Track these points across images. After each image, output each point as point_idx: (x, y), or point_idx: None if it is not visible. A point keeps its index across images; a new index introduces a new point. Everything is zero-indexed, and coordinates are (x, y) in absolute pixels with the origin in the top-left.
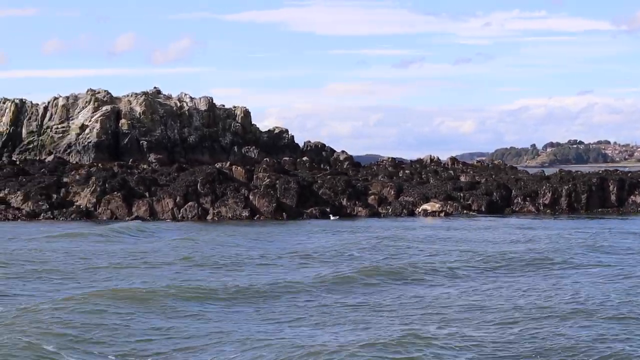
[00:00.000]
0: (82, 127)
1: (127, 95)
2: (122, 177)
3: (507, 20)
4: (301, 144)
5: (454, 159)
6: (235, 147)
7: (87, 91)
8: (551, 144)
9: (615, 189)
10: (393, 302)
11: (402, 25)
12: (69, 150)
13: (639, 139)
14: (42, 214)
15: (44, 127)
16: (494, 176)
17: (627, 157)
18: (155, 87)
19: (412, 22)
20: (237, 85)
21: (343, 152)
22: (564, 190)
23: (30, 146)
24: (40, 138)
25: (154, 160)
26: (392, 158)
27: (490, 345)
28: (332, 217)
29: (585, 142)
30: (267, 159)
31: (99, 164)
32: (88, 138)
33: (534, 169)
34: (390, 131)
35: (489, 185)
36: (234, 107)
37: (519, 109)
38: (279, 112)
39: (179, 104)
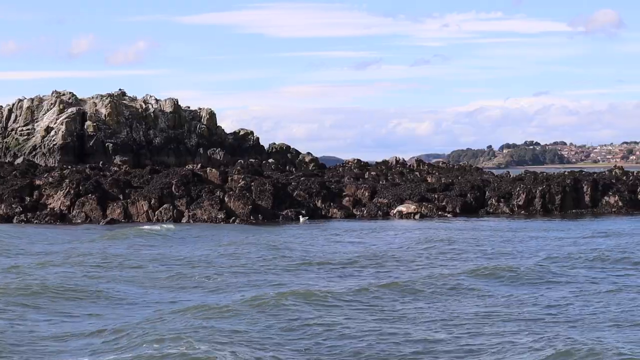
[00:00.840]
0: (47, 130)
1: (92, 97)
2: (96, 179)
3: (464, 22)
4: (266, 146)
5: (419, 161)
6: (201, 149)
7: (52, 93)
8: (507, 145)
9: (589, 190)
10: None
11: (359, 27)
12: (34, 153)
13: (594, 140)
14: (16, 217)
15: (9, 129)
16: (460, 177)
17: (583, 158)
18: (120, 89)
19: (369, 24)
20: (193, 88)
21: (308, 153)
22: (538, 192)
23: None
24: (5, 140)
25: (119, 163)
26: (358, 159)
27: None
28: (301, 220)
29: (542, 144)
30: (241, 161)
31: (70, 167)
32: (53, 140)
33: (493, 170)
34: (346, 133)
35: (462, 187)
36: (200, 108)
37: (475, 111)
38: (235, 114)
39: (144, 106)
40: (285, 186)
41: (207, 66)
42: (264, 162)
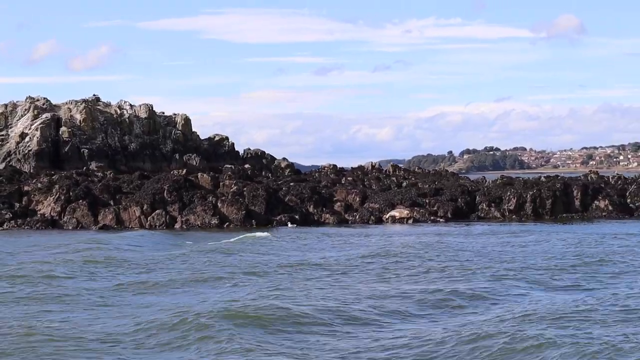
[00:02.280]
0: (22, 135)
1: (67, 103)
2: (86, 185)
3: (425, 28)
4: (241, 152)
5: (395, 166)
6: (177, 155)
7: (26, 99)
8: (468, 151)
9: (579, 194)
10: None
11: (320, 33)
12: (8, 159)
13: (554, 145)
14: (6, 223)
15: None
16: (436, 182)
17: (543, 163)
18: (94, 95)
19: (330, 30)
20: (155, 93)
21: (284, 159)
22: (528, 196)
23: None
24: None
25: (95, 169)
26: (334, 165)
27: None
28: (289, 225)
29: (502, 149)
30: (232, 166)
31: (61, 173)
32: (28, 146)
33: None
34: (307, 139)
35: (453, 192)
36: (174, 114)
37: (435, 116)
38: (197, 120)
39: (119, 112)
40: (277, 191)
41: (169, 72)
42: (239, 167)
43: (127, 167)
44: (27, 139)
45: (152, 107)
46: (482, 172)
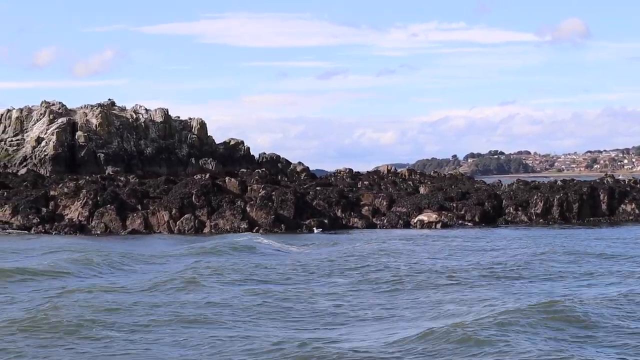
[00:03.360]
0: (38, 140)
1: (82, 107)
2: (112, 189)
3: (428, 32)
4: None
5: (411, 170)
6: (193, 159)
7: (41, 103)
8: (472, 155)
9: (605, 197)
10: None
11: (323, 37)
12: (24, 164)
13: (558, 149)
14: (33, 228)
15: None
16: (453, 186)
17: (547, 167)
18: (109, 99)
19: (333, 34)
20: (157, 97)
21: (300, 163)
22: (555, 200)
23: None
24: None
25: (111, 173)
26: (350, 169)
27: None
28: (315, 231)
29: (506, 153)
30: (259, 170)
31: (86, 177)
32: (44, 151)
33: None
34: (311, 143)
35: (480, 196)
36: (190, 118)
37: (439, 120)
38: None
39: (134, 116)
40: (304, 196)
41: (171, 76)
42: (255, 171)
43: (143, 172)
44: (43, 143)
45: (167, 112)
46: (487, 176)
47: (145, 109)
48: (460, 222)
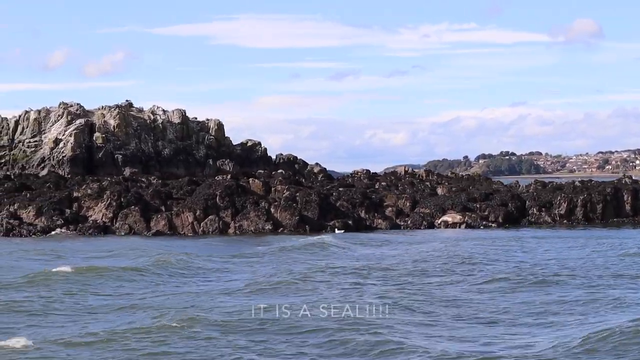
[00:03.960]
0: (56, 141)
1: (100, 109)
2: (137, 190)
3: (440, 33)
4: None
5: (428, 171)
6: (210, 160)
7: (60, 104)
8: (483, 156)
9: (629, 198)
10: None
11: (334, 38)
12: (42, 165)
13: (569, 150)
14: (58, 229)
15: (15, 141)
16: (471, 187)
17: (559, 168)
18: (127, 100)
19: (345, 35)
20: (169, 99)
21: (317, 164)
22: (579, 201)
23: (2, 161)
24: (12, 152)
25: (130, 174)
26: (367, 170)
27: None
28: (336, 231)
29: (517, 154)
30: (282, 171)
31: (110, 178)
32: (62, 152)
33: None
34: (322, 144)
35: (503, 196)
36: (207, 119)
37: (450, 121)
38: None
39: (152, 117)
40: (327, 197)
41: (183, 77)
42: (272, 172)
43: (161, 173)
44: (61, 144)
45: (185, 113)
46: (498, 176)
47: (163, 110)
48: (484, 223)
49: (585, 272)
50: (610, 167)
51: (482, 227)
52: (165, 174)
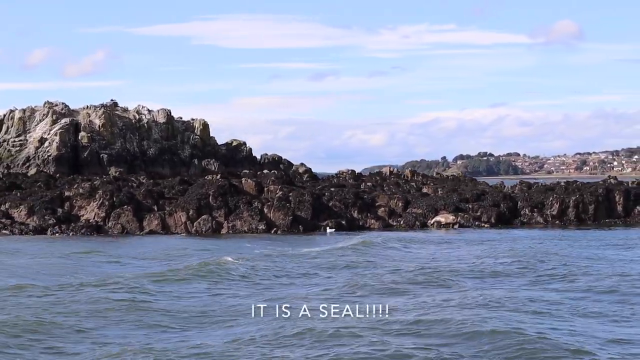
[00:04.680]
0: (41, 140)
1: (85, 108)
2: (129, 190)
3: (421, 33)
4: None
5: (413, 172)
6: (195, 160)
7: (45, 104)
8: (461, 157)
9: (621, 199)
10: None
11: (315, 38)
12: (27, 164)
13: (547, 151)
14: (50, 229)
15: (0, 140)
16: (458, 188)
17: (537, 169)
18: (112, 100)
19: (325, 36)
20: (149, 99)
21: (302, 164)
22: (571, 201)
23: None
24: None
25: (115, 174)
26: (352, 170)
27: None
28: (328, 231)
29: (495, 155)
30: (267, 171)
31: (102, 177)
32: (48, 151)
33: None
34: (300, 144)
35: (494, 197)
36: (192, 119)
37: (429, 122)
38: None
39: (137, 117)
40: (320, 197)
41: (163, 77)
42: (258, 172)
43: (146, 173)
44: (46, 144)
45: (170, 112)
46: (477, 177)
47: (148, 110)
48: (476, 223)
49: None
50: (587, 169)
51: (474, 227)
52: (151, 173)
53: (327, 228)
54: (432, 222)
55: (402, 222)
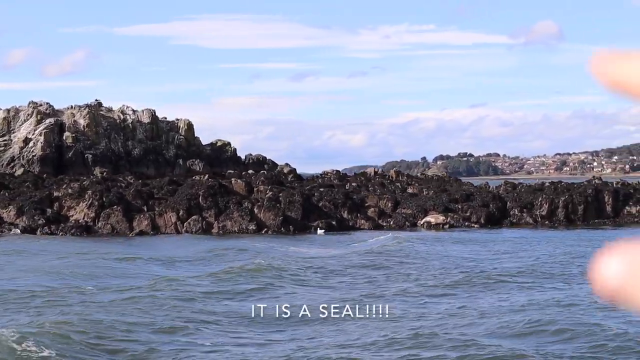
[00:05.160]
0: (26, 141)
1: (70, 108)
2: (118, 190)
3: (401, 33)
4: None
5: (398, 172)
6: (180, 160)
7: (29, 104)
8: (441, 157)
9: (610, 199)
10: None
11: (296, 39)
12: (12, 164)
13: (527, 152)
14: (39, 229)
15: None
16: (439, 188)
17: (517, 169)
18: (96, 100)
19: (305, 36)
20: (130, 99)
21: (287, 164)
22: (560, 202)
23: None
24: None
25: (99, 174)
26: (337, 170)
27: None
28: (318, 232)
29: (475, 155)
30: (264, 172)
31: (90, 177)
32: (32, 152)
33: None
34: (280, 145)
35: (484, 197)
36: (177, 119)
37: (409, 122)
38: None
39: (122, 117)
40: (310, 197)
41: (144, 77)
42: (242, 173)
43: (131, 173)
44: (30, 144)
45: (154, 112)
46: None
47: (133, 110)
48: (466, 223)
49: None
50: (568, 169)
51: (463, 227)
52: (136, 173)
53: (318, 229)
54: (422, 223)
55: (391, 223)
